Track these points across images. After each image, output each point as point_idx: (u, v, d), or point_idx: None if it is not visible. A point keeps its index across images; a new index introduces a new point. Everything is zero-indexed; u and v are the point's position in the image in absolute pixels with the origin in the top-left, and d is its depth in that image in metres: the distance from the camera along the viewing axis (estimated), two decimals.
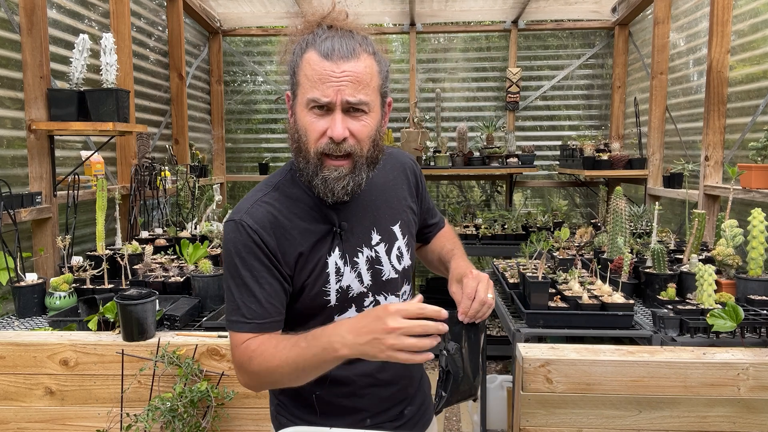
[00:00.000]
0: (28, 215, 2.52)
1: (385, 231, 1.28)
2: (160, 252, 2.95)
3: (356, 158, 1.14)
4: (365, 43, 1.13)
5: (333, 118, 1.09)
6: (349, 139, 1.11)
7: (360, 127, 1.12)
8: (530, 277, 2.32)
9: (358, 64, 1.09)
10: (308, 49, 1.11)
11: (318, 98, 1.09)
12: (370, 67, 1.12)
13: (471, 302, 1.16)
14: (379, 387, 1.29)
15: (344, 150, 1.11)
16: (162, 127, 4.30)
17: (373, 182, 1.27)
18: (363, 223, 1.25)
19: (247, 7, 5.03)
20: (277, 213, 1.18)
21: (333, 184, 1.13)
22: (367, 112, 1.12)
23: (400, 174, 1.36)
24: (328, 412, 1.28)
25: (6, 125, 2.68)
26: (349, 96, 1.08)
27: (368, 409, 1.30)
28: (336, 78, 1.08)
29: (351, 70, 1.08)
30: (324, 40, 1.10)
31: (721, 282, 2.32)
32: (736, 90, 3.31)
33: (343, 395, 1.27)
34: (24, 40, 2.59)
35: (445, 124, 5.39)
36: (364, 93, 1.10)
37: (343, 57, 1.08)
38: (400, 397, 1.34)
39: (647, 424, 1.69)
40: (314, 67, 1.09)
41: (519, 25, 5.20)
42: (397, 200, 1.33)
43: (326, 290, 1.21)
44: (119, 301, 1.85)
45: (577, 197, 5.55)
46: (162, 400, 1.69)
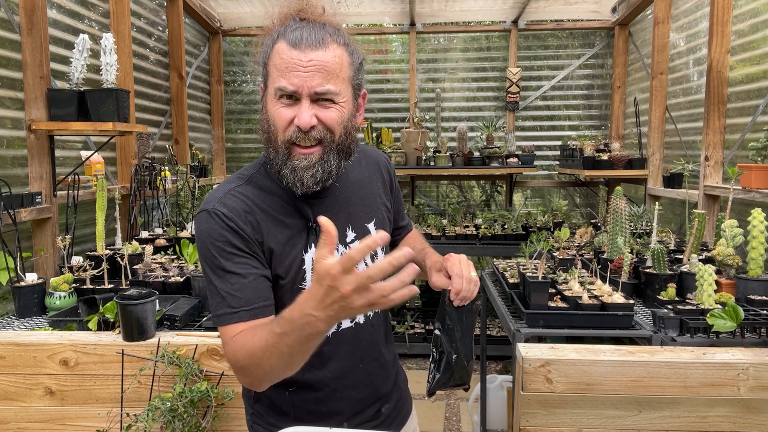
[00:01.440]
0: (28, 215, 2.52)
1: (360, 228, 1.26)
2: (160, 252, 2.95)
3: (326, 144, 1.11)
4: (336, 34, 1.11)
5: (301, 106, 1.08)
6: (317, 126, 1.09)
7: (329, 114, 1.10)
8: (530, 277, 2.32)
9: (327, 53, 1.07)
10: (278, 40, 1.10)
11: (284, 87, 1.07)
12: (339, 57, 1.09)
13: (461, 281, 1.15)
14: (353, 389, 1.26)
15: (313, 138, 1.10)
16: (162, 127, 4.30)
17: (348, 179, 1.26)
18: (338, 219, 1.20)
19: (247, 7, 5.03)
20: (251, 204, 1.15)
21: (302, 173, 1.11)
22: (336, 102, 1.10)
23: (375, 171, 1.35)
24: (303, 418, 1.24)
25: (6, 125, 2.68)
26: (316, 86, 1.07)
27: (344, 412, 1.27)
28: (303, 67, 1.06)
29: (318, 60, 1.06)
30: (293, 30, 1.08)
31: (721, 282, 2.32)
32: (736, 90, 3.31)
33: (318, 400, 1.24)
34: (24, 40, 2.59)
35: (445, 124, 5.39)
36: (332, 83, 1.08)
37: (310, 46, 1.06)
38: (375, 396, 1.32)
39: (647, 424, 1.69)
40: (282, 56, 1.08)
41: (519, 25, 5.20)
42: (372, 198, 1.31)
43: (301, 288, 1.17)
44: (119, 301, 1.85)
45: (577, 197, 5.55)
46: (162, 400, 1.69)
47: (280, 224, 1.16)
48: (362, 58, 1.17)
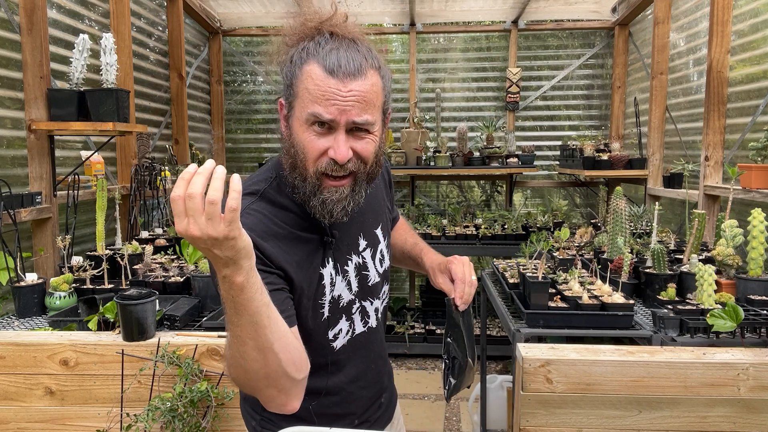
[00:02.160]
0: (28, 215, 2.52)
1: (370, 235, 1.26)
2: (160, 252, 2.95)
3: (358, 176, 1.08)
4: (370, 56, 1.06)
5: (336, 139, 1.02)
6: (352, 159, 1.05)
7: (364, 146, 1.06)
8: (530, 277, 2.32)
9: (365, 82, 1.02)
10: (309, 60, 1.03)
11: (320, 114, 1.01)
12: (376, 85, 1.05)
13: (464, 286, 1.19)
14: (365, 389, 1.30)
15: (347, 170, 1.06)
16: (162, 127, 4.30)
17: None
18: (351, 230, 1.21)
19: (247, 7, 5.03)
20: (268, 222, 1.10)
21: (332, 206, 1.07)
22: (371, 132, 1.06)
23: (380, 177, 1.34)
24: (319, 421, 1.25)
25: (6, 125, 2.68)
26: (355, 116, 1.02)
27: (356, 412, 1.31)
28: (342, 97, 1.00)
29: (358, 90, 1.01)
30: (328, 52, 1.02)
31: (721, 282, 2.32)
32: (736, 90, 3.31)
33: (335, 404, 1.26)
34: (24, 40, 2.59)
35: (445, 124, 5.38)
36: (369, 113, 1.03)
37: (349, 75, 1.01)
38: (380, 391, 1.37)
39: (647, 424, 1.69)
40: (317, 83, 1.01)
41: (519, 25, 5.20)
42: (377, 202, 1.31)
43: (321, 303, 1.15)
44: (119, 301, 1.85)
45: (577, 197, 5.55)
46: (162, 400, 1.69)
47: (297, 240, 1.12)
48: (391, 78, 1.13)
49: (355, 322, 1.24)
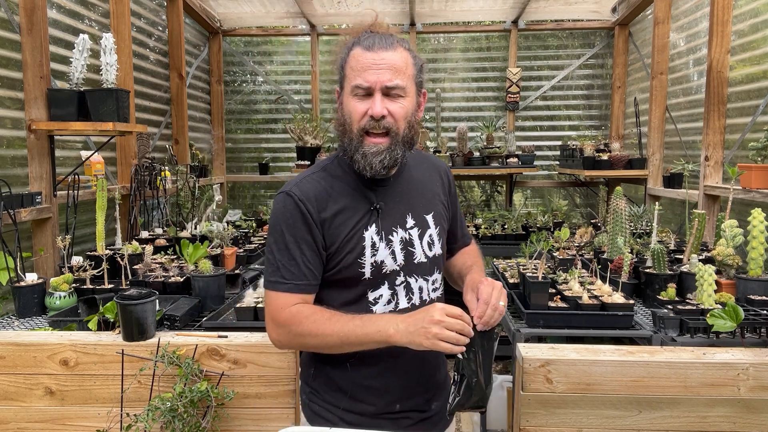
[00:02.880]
0: (28, 215, 2.52)
1: (419, 218, 1.41)
2: (160, 252, 2.95)
3: (393, 135, 1.29)
4: (402, 41, 1.33)
5: (374, 99, 1.27)
6: (387, 117, 1.28)
7: (397, 108, 1.28)
8: (530, 277, 2.32)
9: (396, 54, 1.28)
10: (354, 47, 1.31)
11: (360, 83, 1.27)
12: (405, 58, 1.30)
13: (486, 307, 1.23)
14: (405, 371, 1.37)
15: (383, 126, 1.28)
16: (162, 127, 4.30)
17: (411, 175, 1.44)
18: (399, 207, 1.39)
19: (247, 7, 5.03)
20: (322, 188, 1.34)
21: (371, 158, 1.29)
22: (403, 96, 1.29)
23: (435, 173, 1.52)
24: (359, 394, 1.37)
25: (6, 125, 2.68)
26: (386, 81, 1.26)
27: (394, 391, 1.37)
28: (376, 65, 1.26)
29: (389, 58, 1.27)
30: (367, 38, 1.31)
31: (721, 282, 2.32)
32: (736, 90, 3.31)
33: (373, 375, 1.36)
34: (24, 40, 2.59)
35: (445, 124, 5.38)
36: (400, 78, 1.28)
37: (382, 47, 1.28)
38: (426, 385, 1.42)
39: (647, 424, 1.69)
40: (358, 59, 1.29)
41: (519, 25, 5.20)
42: (432, 194, 1.47)
43: (361, 262, 1.33)
44: (119, 301, 1.85)
45: (577, 197, 5.55)
46: (162, 400, 1.69)
47: (346, 206, 1.34)
48: (423, 62, 1.38)
49: (399, 295, 1.38)
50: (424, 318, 1.17)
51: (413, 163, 1.47)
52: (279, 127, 5.59)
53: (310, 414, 1.45)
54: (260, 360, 1.80)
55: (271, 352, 1.79)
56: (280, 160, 5.63)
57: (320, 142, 4.93)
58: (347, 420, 1.38)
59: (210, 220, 3.71)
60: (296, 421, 1.82)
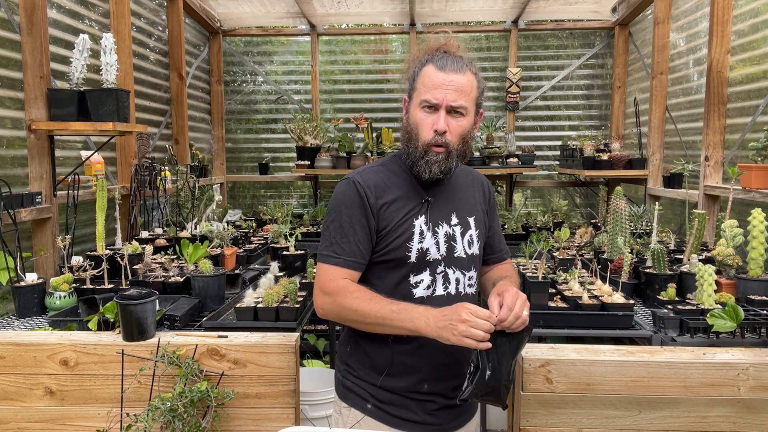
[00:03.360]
0: (28, 215, 2.52)
1: (463, 218, 1.57)
2: (160, 252, 2.95)
3: (449, 149, 1.47)
4: (471, 65, 1.48)
5: (438, 115, 1.44)
6: (447, 133, 1.45)
7: (456, 125, 1.46)
8: (530, 277, 2.32)
9: (463, 78, 1.44)
10: (427, 64, 1.47)
11: (429, 99, 1.44)
12: (471, 82, 1.46)
13: (510, 314, 1.34)
14: (438, 350, 1.46)
15: (442, 141, 1.45)
16: (162, 127, 4.30)
17: (458, 182, 1.61)
18: (446, 205, 1.56)
19: (247, 7, 5.03)
20: (380, 179, 1.52)
21: (433, 165, 1.47)
22: (464, 115, 1.46)
23: (478, 185, 1.68)
24: (391, 370, 1.49)
25: (6, 125, 2.68)
26: (452, 101, 1.43)
27: (424, 371, 1.49)
28: (445, 86, 1.43)
29: (457, 81, 1.43)
30: (440, 58, 1.46)
31: (721, 282, 2.32)
32: (736, 90, 3.31)
33: (406, 352, 1.48)
34: (24, 40, 2.59)
35: None
36: (463, 99, 1.44)
37: (453, 70, 1.44)
38: (455, 371, 1.51)
39: (647, 424, 1.69)
40: (430, 76, 1.45)
41: (519, 25, 5.20)
42: (474, 201, 1.63)
43: (409, 246, 1.47)
44: (119, 301, 1.85)
45: (577, 197, 5.55)
46: (162, 400, 1.69)
47: (400, 196, 1.51)
48: (485, 85, 1.54)
49: (437, 283, 1.51)
50: (452, 316, 1.29)
51: (461, 173, 1.63)
52: (279, 127, 5.59)
53: (342, 390, 1.57)
54: (260, 360, 1.80)
55: (271, 353, 1.80)
56: (280, 160, 5.63)
57: (320, 142, 4.93)
58: (378, 397, 1.50)
59: (210, 220, 3.71)
60: (296, 421, 1.82)
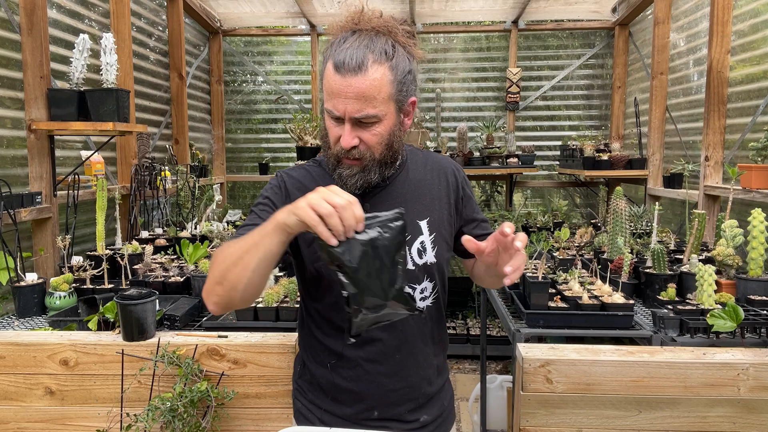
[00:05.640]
0: (28, 215, 2.52)
1: (411, 223, 1.31)
2: (160, 252, 2.95)
3: (366, 162, 1.22)
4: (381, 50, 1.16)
5: (344, 128, 1.19)
6: (359, 145, 1.20)
7: (370, 136, 1.20)
8: (530, 277, 2.32)
9: (365, 79, 1.14)
10: (328, 59, 1.18)
11: (331, 110, 1.19)
12: (378, 80, 1.15)
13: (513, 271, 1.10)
14: (386, 377, 1.31)
15: (353, 155, 1.21)
16: (162, 127, 4.30)
17: (408, 179, 1.35)
18: None
19: (247, 7, 5.03)
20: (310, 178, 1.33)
21: (346, 179, 1.24)
22: (378, 122, 1.19)
23: (439, 176, 1.40)
24: (339, 396, 1.33)
25: (6, 125, 2.68)
26: (353, 112, 1.16)
27: (373, 398, 1.31)
28: (344, 93, 1.15)
29: (356, 86, 1.14)
30: (340, 51, 1.15)
31: (721, 282, 2.32)
32: (736, 90, 3.31)
33: (351, 378, 1.31)
34: (24, 40, 2.59)
35: (445, 124, 5.38)
36: (370, 107, 1.16)
37: (350, 71, 1.14)
38: (411, 395, 1.34)
39: (647, 424, 1.69)
40: (329, 80, 1.17)
41: (519, 25, 5.20)
42: (431, 199, 1.36)
43: None
44: (119, 301, 1.85)
45: (577, 197, 5.55)
46: (162, 400, 1.69)
47: None
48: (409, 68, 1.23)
49: None
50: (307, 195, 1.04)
51: (414, 166, 1.38)
52: (279, 127, 5.58)
53: (295, 411, 1.44)
54: (260, 360, 1.80)
55: (271, 353, 1.80)
56: (280, 160, 5.63)
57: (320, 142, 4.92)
58: (325, 421, 1.35)
59: (210, 220, 3.71)
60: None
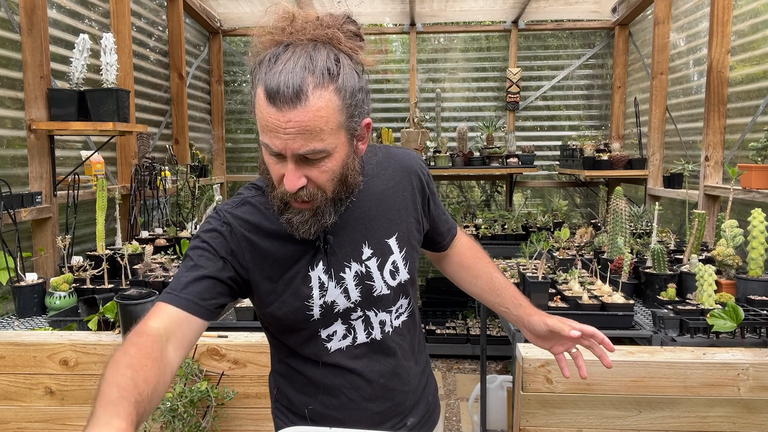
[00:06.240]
0: (28, 215, 2.52)
1: (379, 245, 1.18)
2: (160, 252, 2.95)
3: (317, 203, 1.04)
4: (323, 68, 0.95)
5: (287, 168, 0.99)
6: (308, 185, 1.02)
7: (318, 174, 1.01)
8: (530, 277, 2.32)
9: (306, 110, 0.94)
10: (258, 84, 0.97)
11: (268, 145, 0.98)
12: (323, 109, 0.95)
13: None
14: (371, 402, 1.22)
15: (302, 197, 1.03)
16: (162, 127, 4.30)
17: (370, 191, 1.18)
18: (353, 236, 1.16)
19: (247, 7, 5.03)
20: (260, 216, 1.13)
21: (297, 226, 1.06)
22: (327, 156, 1.00)
23: (404, 179, 1.23)
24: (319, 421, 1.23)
25: (6, 125, 2.68)
26: (297, 149, 0.96)
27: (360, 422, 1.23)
28: (282, 128, 0.95)
29: (297, 120, 0.94)
30: (273, 73, 0.94)
31: (721, 282, 2.32)
32: (736, 90, 3.31)
33: (335, 407, 1.21)
34: (24, 39, 2.59)
35: (445, 124, 5.38)
36: (316, 142, 0.96)
37: (287, 102, 0.93)
38: (396, 411, 1.27)
39: (647, 424, 1.69)
40: (262, 112, 0.96)
41: (519, 25, 5.20)
42: (397, 210, 1.21)
43: (309, 305, 1.14)
44: (119, 300, 1.85)
45: (577, 197, 5.55)
46: (162, 400, 1.69)
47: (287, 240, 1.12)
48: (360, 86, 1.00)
49: (357, 331, 1.19)
50: None
51: (375, 173, 1.19)
52: None
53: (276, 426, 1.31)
54: (260, 360, 1.80)
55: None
56: None
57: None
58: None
59: None
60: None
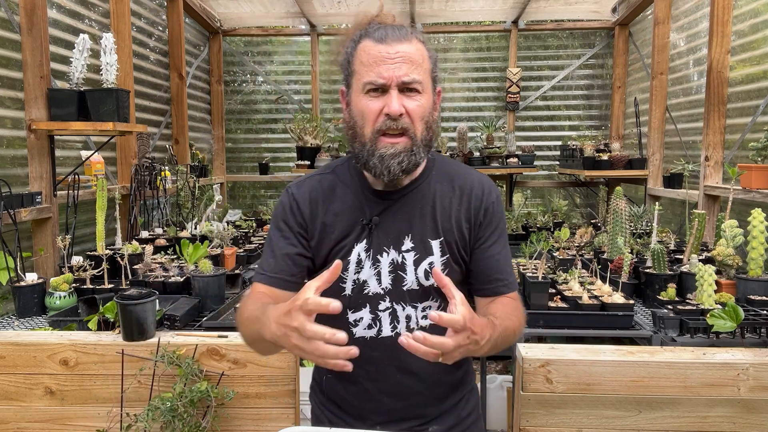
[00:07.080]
0: (28, 215, 2.52)
1: (421, 242, 1.23)
2: (160, 252, 2.95)
3: (411, 136, 1.15)
4: (415, 31, 1.19)
5: (389, 96, 1.13)
6: (404, 116, 1.14)
7: (415, 106, 1.15)
8: (530, 277, 2.32)
9: (411, 46, 1.15)
10: (362, 40, 1.17)
11: (374, 80, 1.13)
12: (420, 50, 1.16)
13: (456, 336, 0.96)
14: (387, 396, 1.26)
15: (400, 126, 1.14)
16: (162, 127, 4.30)
17: (423, 191, 1.24)
18: (398, 226, 1.23)
19: (247, 7, 5.03)
20: (321, 191, 1.26)
21: (389, 160, 1.15)
22: (421, 92, 1.15)
23: (461, 195, 1.26)
24: (350, 410, 1.31)
25: (6, 125, 2.68)
26: (403, 75, 1.12)
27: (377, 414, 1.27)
28: (391, 59, 1.12)
29: (404, 51, 1.13)
30: (377, 29, 1.16)
31: (721, 282, 2.32)
32: (736, 90, 3.31)
33: (356, 394, 1.29)
34: (24, 39, 2.59)
35: (445, 124, 5.38)
36: (417, 72, 1.14)
37: (396, 39, 1.14)
38: (414, 413, 1.28)
39: (647, 424, 1.69)
40: (370, 52, 1.14)
41: (519, 25, 5.20)
42: (446, 218, 1.24)
43: (343, 277, 1.22)
44: (119, 301, 1.85)
45: (577, 197, 5.54)
46: (162, 400, 1.69)
47: (340, 213, 1.24)
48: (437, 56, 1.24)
49: (383, 322, 1.23)
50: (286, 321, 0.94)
51: (438, 178, 1.26)
52: (279, 127, 5.58)
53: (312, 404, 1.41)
54: (260, 360, 1.80)
55: None
56: (280, 160, 5.63)
57: (320, 142, 4.93)
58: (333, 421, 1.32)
59: (210, 220, 3.70)
60: (296, 421, 1.82)
